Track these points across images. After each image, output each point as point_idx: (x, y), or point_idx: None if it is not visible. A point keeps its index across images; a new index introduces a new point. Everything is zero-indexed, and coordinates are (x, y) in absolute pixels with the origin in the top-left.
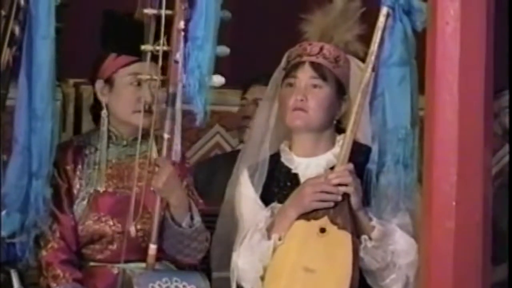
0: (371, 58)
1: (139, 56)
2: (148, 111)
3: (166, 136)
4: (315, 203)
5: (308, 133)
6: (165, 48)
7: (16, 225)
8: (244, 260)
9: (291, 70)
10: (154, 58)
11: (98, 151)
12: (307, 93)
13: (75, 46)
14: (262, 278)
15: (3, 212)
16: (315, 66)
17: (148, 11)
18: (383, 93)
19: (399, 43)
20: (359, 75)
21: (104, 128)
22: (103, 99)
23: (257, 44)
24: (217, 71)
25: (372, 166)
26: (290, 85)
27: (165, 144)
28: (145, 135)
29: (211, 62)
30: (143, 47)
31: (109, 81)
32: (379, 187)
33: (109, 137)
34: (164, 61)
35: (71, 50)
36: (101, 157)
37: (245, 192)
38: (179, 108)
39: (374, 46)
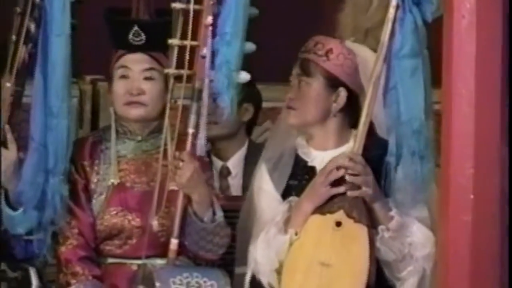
0: (382, 50)
1: (127, 49)
2: (139, 103)
3: (190, 131)
4: (329, 190)
5: (311, 128)
6: (192, 43)
7: (33, 222)
8: (261, 253)
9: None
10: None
11: (113, 146)
12: (297, 91)
13: (91, 42)
14: (278, 272)
15: (20, 210)
16: (302, 63)
17: (177, 5)
18: (396, 85)
19: (410, 34)
20: (371, 67)
21: (112, 123)
22: (111, 95)
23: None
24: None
25: (390, 158)
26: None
27: (189, 139)
28: (159, 130)
29: (240, 58)
30: (170, 41)
31: (110, 77)
32: (397, 179)
33: (124, 133)
34: (181, 55)
35: (87, 46)
36: (112, 152)
37: (264, 187)
38: (205, 103)
39: (384, 38)
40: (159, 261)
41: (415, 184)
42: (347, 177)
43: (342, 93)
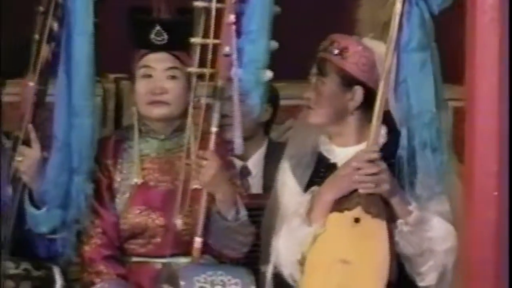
0: (391, 45)
1: (149, 48)
2: (162, 102)
3: (214, 129)
4: (350, 184)
5: (331, 126)
6: (215, 41)
7: (57, 221)
8: (283, 244)
9: None
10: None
11: (136, 145)
12: (314, 90)
13: (115, 41)
14: (300, 263)
15: (44, 209)
16: (318, 62)
17: (199, 3)
18: (406, 79)
19: (417, 28)
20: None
21: (135, 122)
22: (133, 94)
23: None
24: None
25: (402, 152)
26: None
27: (213, 138)
28: (181, 129)
29: (265, 56)
30: (192, 39)
31: (132, 76)
32: (412, 173)
33: (147, 132)
34: (203, 54)
35: (111, 45)
36: (135, 151)
37: (287, 184)
38: (237, 101)
39: (392, 32)
40: (183, 260)
41: (430, 176)
42: (363, 178)
43: (358, 91)
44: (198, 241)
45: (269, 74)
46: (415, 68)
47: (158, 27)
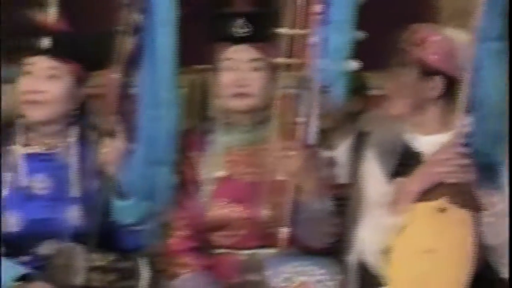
0: (474, 34)
1: (232, 41)
2: (246, 94)
3: (299, 120)
4: (438, 175)
5: (413, 116)
6: (300, 31)
7: (142, 213)
8: (368, 234)
9: None
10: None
11: (220, 137)
12: (395, 81)
13: (201, 32)
14: (384, 253)
15: (129, 200)
16: (398, 53)
17: None
18: (482, 67)
19: (498, 17)
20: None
21: (219, 114)
22: (217, 86)
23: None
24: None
25: (473, 140)
26: None
27: (298, 128)
28: (265, 120)
29: (351, 46)
30: (278, 30)
31: (216, 68)
32: (484, 162)
33: (231, 124)
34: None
35: (197, 36)
36: (219, 143)
37: (372, 173)
38: (316, 91)
39: (476, 21)
40: (268, 251)
41: (502, 167)
42: (451, 169)
43: (438, 81)
44: (284, 232)
45: (354, 64)
46: (492, 57)
47: (241, 20)
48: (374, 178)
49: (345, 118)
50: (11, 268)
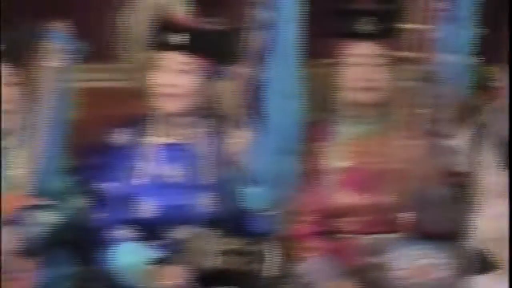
0: None
1: (356, 37)
2: (371, 88)
3: (422, 111)
4: None
5: None
6: (422, 26)
7: (269, 199)
8: (484, 221)
9: None
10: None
11: (344, 128)
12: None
13: (326, 28)
14: (500, 241)
15: (257, 188)
16: None
17: None
18: None
19: None
20: None
21: (343, 107)
22: (339, 80)
23: None
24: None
25: None
26: None
27: (421, 119)
28: (388, 112)
29: (474, 41)
30: (401, 26)
31: (338, 63)
32: None
33: (354, 116)
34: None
35: (322, 31)
36: (343, 134)
37: (490, 162)
38: (439, 84)
39: None
40: (390, 236)
41: None
42: None
43: None
44: (405, 217)
45: (476, 58)
46: None
47: (365, 17)
48: (491, 168)
49: (467, 110)
50: (148, 251)
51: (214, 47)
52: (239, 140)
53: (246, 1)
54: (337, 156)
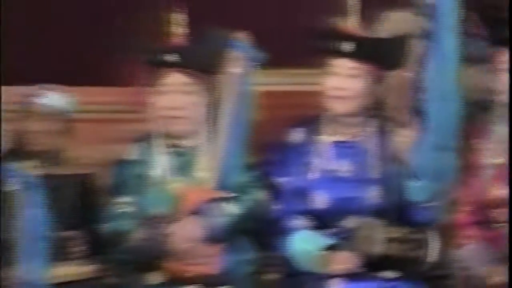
0: None
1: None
2: None
3: None
4: None
5: None
6: None
7: (430, 191)
8: None
9: None
10: None
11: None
12: None
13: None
14: None
15: (419, 181)
16: None
17: None
18: None
19: None
20: None
21: (497, 108)
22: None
23: None
24: None
25: None
26: None
27: None
28: None
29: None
30: None
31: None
32: None
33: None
34: None
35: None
36: (499, 133)
37: None
38: None
39: None
40: None
41: None
42: None
43: None
44: None
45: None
46: None
47: None
48: None
49: None
50: (321, 239)
51: (380, 53)
52: (403, 138)
53: (413, 12)
54: (492, 153)
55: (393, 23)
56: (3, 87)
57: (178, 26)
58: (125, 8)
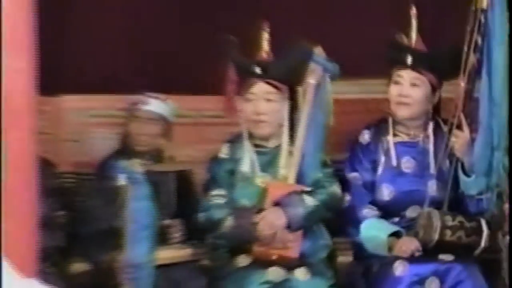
0: None
1: None
2: None
3: None
4: None
5: None
6: None
7: (483, 185)
8: None
9: None
10: None
11: None
12: None
13: None
14: None
15: (472, 176)
16: None
17: None
18: None
19: None
20: None
21: None
22: None
23: None
24: None
25: None
26: None
27: None
28: None
29: None
30: None
31: None
32: None
33: None
34: None
35: None
36: None
37: None
38: None
39: None
40: None
41: None
42: None
43: None
44: None
45: None
46: None
47: None
48: None
49: None
50: (387, 226)
51: (438, 65)
52: (458, 139)
53: (465, 30)
54: None
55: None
56: (110, 96)
57: (265, 43)
58: (224, 28)
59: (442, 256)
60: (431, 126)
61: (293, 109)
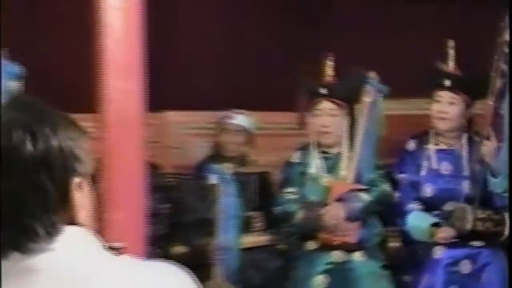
0: None
1: None
2: None
3: None
4: None
5: None
6: None
7: (504, 185)
8: None
9: None
10: None
11: None
12: None
13: None
14: None
15: (499, 177)
16: None
17: None
18: None
19: None
20: None
21: None
22: None
23: None
24: None
25: None
26: None
27: None
28: None
29: None
30: None
31: None
32: None
33: None
34: None
35: None
36: None
37: None
38: None
39: None
40: None
41: None
42: None
43: None
44: None
45: None
46: None
47: None
48: None
49: None
50: (428, 218)
51: (471, 87)
52: (487, 147)
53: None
54: None
55: None
56: (204, 112)
57: (329, 69)
58: (298, 56)
59: (473, 243)
60: (465, 136)
61: (352, 122)
